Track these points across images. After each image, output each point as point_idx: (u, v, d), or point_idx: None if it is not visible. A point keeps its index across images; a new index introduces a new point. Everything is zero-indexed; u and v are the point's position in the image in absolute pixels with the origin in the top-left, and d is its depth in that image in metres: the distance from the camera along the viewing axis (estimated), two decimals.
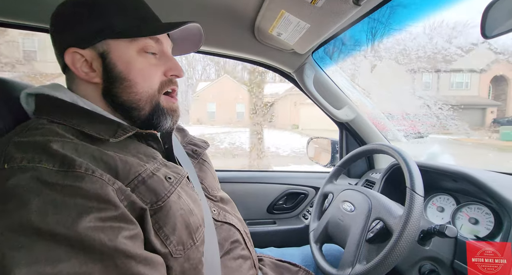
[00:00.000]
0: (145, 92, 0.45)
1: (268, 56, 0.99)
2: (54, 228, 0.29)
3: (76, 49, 0.43)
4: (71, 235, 0.29)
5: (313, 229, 0.78)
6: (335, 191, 0.79)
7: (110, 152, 0.39)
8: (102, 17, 0.43)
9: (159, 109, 0.47)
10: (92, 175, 0.34)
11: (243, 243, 0.59)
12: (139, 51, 0.45)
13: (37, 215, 0.29)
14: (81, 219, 0.30)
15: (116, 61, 0.44)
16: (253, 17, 0.80)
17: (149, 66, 0.46)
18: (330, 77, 1.08)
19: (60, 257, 0.28)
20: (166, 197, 0.40)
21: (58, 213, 0.30)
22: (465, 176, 0.66)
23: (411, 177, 0.57)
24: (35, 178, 0.31)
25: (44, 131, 0.37)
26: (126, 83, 0.44)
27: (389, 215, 0.58)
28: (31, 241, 0.28)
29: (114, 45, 0.44)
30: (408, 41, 6.36)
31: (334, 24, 0.70)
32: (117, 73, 0.44)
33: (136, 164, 0.40)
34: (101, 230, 0.31)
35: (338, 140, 1.25)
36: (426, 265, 0.60)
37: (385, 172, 0.89)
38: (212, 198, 0.60)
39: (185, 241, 0.41)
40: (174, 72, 0.48)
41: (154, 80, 0.46)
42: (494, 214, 0.62)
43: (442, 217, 0.75)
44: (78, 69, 0.44)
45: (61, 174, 0.32)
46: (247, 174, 1.26)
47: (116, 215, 0.33)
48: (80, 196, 0.32)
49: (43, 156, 0.33)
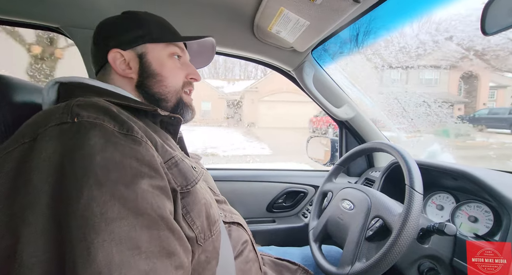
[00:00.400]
0: (172, 86, 0.54)
1: (267, 54, 0.98)
2: (113, 185, 0.31)
3: (118, 50, 0.51)
4: (127, 195, 0.31)
5: (312, 228, 0.78)
6: (334, 189, 0.79)
7: (151, 131, 0.41)
8: (143, 27, 0.53)
9: (182, 102, 0.56)
10: (147, 143, 0.37)
11: (250, 243, 0.60)
12: (169, 55, 0.55)
13: (100, 169, 0.31)
14: (137, 180, 0.33)
15: (152, 60, 0.53)
16: (252, 15, 0.80)
17: (176, 67, 0.55)
18: (329, 75, 1.07)
19: (112, 216, 0.29)
20: (194, 183, 0.43)
21: (118, 171, 0.32)
22: (465, 174, 0.66)
23: (410, 175, 0.57)
24: (100, 134, 0.33)
25: (98, 99, 0.39)
26: (158, 78, 0.53)
27: (388, 213, 0.58)
28: (90, 192, 0.29)
29: (151, 48, 0.53)
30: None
31: (334, 21, 0.69)
32: (152, 70, 0.53)
33: (168, 148, 0.43)
34: (152, 196, 0.33)
35: (338, 138, 1.25)
36: (425, 263, 0.60)
37: (384, 170, 0.88)
38: (217, 198, 0.62)
39: (206, 231, 0.43)
40: (193, 76, 0.58)
41: (180, 78, 0.55)
42: (493, 212, 0.62)
43: (442, 216, 0.75)
44: (117, 66, 0.51)
45: (122, 135, 0.35)
46: (246, 172, 1.26)
47: (162, 186, 0.36)
48: (136, 159, 0.34)
49: (106, 117, 0.35)
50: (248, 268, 0.56)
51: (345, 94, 1.10)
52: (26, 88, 0.51)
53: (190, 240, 0.39)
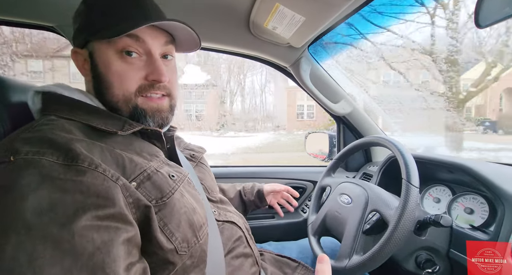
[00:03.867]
0: (121, 95, 0.45)
1: (264, 50, 0.98)
2: (45, 227, 0.28)
3: (76, 49, 0.46)
4: (62, 236, 0.28)
5: (311, 222, 0.79)
6: (332, 184, 0.80)
7: (117, 149, 0.40)
8: (86, 16, 0.45)
9: (138, 111, 0.46)
10: (95, 170, 0.34)
11: (245, 241, 0.60)
12: (119, 52, 0.44)
13: (31, 212, 0.28)
14: (76, 217, 0.29)
15: (98, 62, 0.45)
16: (248, 11, 0.79)
17: (127, 68, 0.44)
18: (326, 71, 1.07)
19: (42, 263, 0.26)
20: (170, 194, 0.41)
21: (53, 210, 0.29)
22: (460, 166, 0.67)
23: (407, 169, 0.57)
24: (37, 172, 0.31)
25: (53, 126, 0.37)
26: (104, 84, 0.45)
27: (385, 207, 0.59)
28: (18, 237, 0.27)
29: (97, 46, 0.44)
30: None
31: (329, 16, 0.69)
32: (99, 73, 0.45)
33: (141, 162, 0.41)
34: (97, 230, 0.30)
35: (336, 134, 1.25)
36: (422, 254, 0.61)
37: (382, 164, 0.89)
38: (212, 198, 0.61)
39: (190, 239, 0.41)
40: (154, 76, 0.45)
41: (131, 83, 0.45)
42: (488, 203, 0.63)
43: (439, 208, 0.76)
44: (80, 67, 0.47)
45: (63, 167, 0.32)
46: (246, 169, 1.26)
47: (114, 213, 0.32)
48: (79, 191, 0.31)
49: (49, 149, 0.33)
50: (240, 263, 0.56)
51: (342, 89, 1.10)
52: (22, 88, 0.51)
53: (169, 252, 0.38)
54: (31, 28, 0.85)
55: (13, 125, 0.44)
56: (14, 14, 0.78)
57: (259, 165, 1.34)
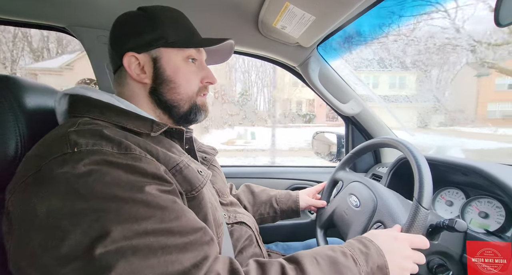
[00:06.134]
0: (186, 93, 0.53)
1: (272, 50, 0.98)
2: (130, 194, 0.34)
3: (133, 54, 0.50)
4: (146, 198, 0.34)
5: (320, 213, 0.80)
6: (345, 180, 0.79)
7: (152, 144, 0.43)
8: (159, 28, 0.50)
9: (196, 107, 0.54)
10: (146, 157, 0.39)
11: (255, 240, 0.61)
12: (184, 59, 0.53)
13: (113, 186, 0.33)
14: (147, 187, 0.35)
15: (166, 66, 0.51)
16: (257, 10, 0.79)
17: (191, 72, 0.53)
18: (335, 70, 1.06)
19: (142, 215, 0.33)
20: (200, 188, 0.44)
21: (129, 183, 0.34)
22: (475, 169, 0.65)
23: (420, 188, 0.53)
24: (103, 158, 0.35)
25: (94, 124, 0.41)
26: (172, 85, 0.51)
27: (391, 222, 0.57)
28: (116, 205, 0.32)
29: (166, 53, 0.51)
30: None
31: (340, 15, 0.68)
32: (166, 76, 0.51)
33: (173, 156, 0.44)
34: (166, 197, 0.36)
35: (344, 134, 1.24)
36: (435, 259, 0.60)
37: (392, 166, 0.87)
38: (223, 202, 0.62)
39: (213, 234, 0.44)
40: (209, 79, 0.56)
41: (194, 84, 0.54)
42: (505, 207, 0.61)
43: (451, 211, 0.74)
44: (132, 70, 0.50)
45: (122, 155, 0.37)
46: (253, 169, 1.26)
47: (170, 189, 0.38)
48: (139, 174, 0.36)
49: (103, 141, 0.37)
50: None
51: (351, 89, 1.09)
52: (38, 90, 0.51)
53: None
54: (43, 29, 0.87)
55: (28, 127, 0.45)
56: (26, 15, 0.80)
57: (266, 165, 1.33)
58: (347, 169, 0.85)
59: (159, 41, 0.50)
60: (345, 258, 0.42)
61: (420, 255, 0.50)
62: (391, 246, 0.47)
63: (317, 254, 0.42)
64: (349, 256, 0.43)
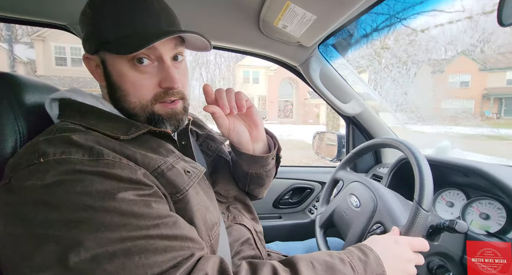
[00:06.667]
0: (138, 102, 0.45)
1: (273, 49, 0.97)
2: (102, 203, 0.32)
3: (87, 55, 0.46)
4: (118, 206, 0.33)
5: (320, 213, 0.79)
6: (346, 179, 0.79)
7: (131, 147, 0.41)
8: (97, 30, 0.43)
9: (155, 117, 0.46)
10: (120, 162, 0.37)
11: (253, 242, 0.59)
12: (131, 61, 0.43)
13: (84, 195, 0.32)
14: (122, 193, 0.34)
15: (111, 71, 0.45)
16: (258, 9, 0.79)
17: (141, 78, 0.44)
18: (336, 70, 1.06)
19: (116, 224, 0.32)
20: (185, 190, 0.41)
21: (101, 192, 0.33)
22: (477, 170, 0.64)
23: (421, 189, 0.53)
24: (71, 168, 0.34)
25: (69, 130, 0.40)
26: (120, 93, 0.45)
27: (391, 222, 0.57)
28: (88, 215, 0.31)
29: (109, 56, 0.44)
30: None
31: (342, 15, 0.68)
32: (113, 82, 0.45)
33: (156, 158, 0.42)
34: (143, 202, 0.35)
35: (345, 134, 1.23)
36: (435, 260, 0.59)
37: (393, 166, 0.87)
38: (222, 200, 0.60)
39: (204, 238, 0.42)
40: (167, 84, 0.44)
41: (147, 92, 0.45)
42: (506, 209, 0.60)
43: (452, 212, 0.73)
44: (93, 72, 0.47)
45: (93, 162, 0.35)
46: None
47: (150, 193, 0.37)
48: (114, 179, 0.35)
49: (72, 148, 0.35)
50: None
51: (352, 89, 1.08)
52: (38, 88, 0.51)
53: None
54: (44, 27, 0.87)
55: (28, 125, 0.45)
56: (27, 13, 0.80)
57: None
58: (348, 169, 0.84)
59: (99, 40, 0.43)
60: (343, 265, 0.40)
61: (420, 257, 0.50)
62: (393, 251, 0.46)
63: (314, 258, 0.41)
64: (347, 263, 0.41)
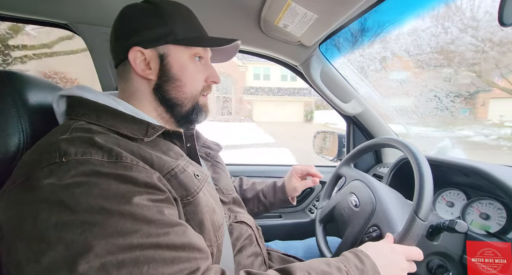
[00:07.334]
0: (190, 92, 0.52)
1: (274, 48, 0.97)
2: (117, 206, 0.33)
3: (140, 48, 0.48)
4: (134, 210, 0.33)
5: (321, 207, 0.80)
6: (348, 176, 0.79)
7: (147, 149, 0.42)
8: (168, 24, 0.49)
9: (198, 106, 0.54)
10: (137, 165, 0.38)
11: (255, 240, 0.61)
12: (191, 57, 0.51)
13: (101, 198, 0.33)
14: (137, 198, 0.34)
15: (173, 63, 0.50)
16: (259, 9, 0.79)
17: (197, 71, 0.52)
18: (337, 70, 1.05)
19: (128, 229, 0.32)
20: (195, 193, 0.43)
21: (117, 195, 0.34)
22: (477, 170, 0.64)
23: (419, 198, 0.52)
24: (91, 169, 0.34)
25: (86, 131, 0.41)
26: (177, 83, 0.50)
27: (387, 227, 0.57)
28: (102, 218, 0.32)
29: (173, 50, 0.50)
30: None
31: (343, 14, 0.68)
32: (172, 74, 0.50)
33: (169, 160, 0.43)
34: (156, 208, 0.35)
35: (345, 134, 1.23)
36: (435, 260, 0.59)
37: (393, 166, 0.87)
38: (225, 200, 0.62)
39: (211, 238, 0.43)
40: (213, 78, 0.55)
41: (199, 83, 0.53)
42: (506, 209, 0.60)
43: (452, 212, 0.73)
44: (137, 65, 0.49)
45: (112, 164, 0.36)
46: (254, 168, 1.26)
47: (163, 198, 0.38)
48: (131, 183, 0.35)
49: (92, 149, 0.36)
50: (250, 262, 0.57)
51: (353, 89, 1.08)
52: (41, 86, 0.51)
53: None
54: (45, 26, 0.87)
55: (31, 123, 0.45)
56: (28, 11, 0.80)
57: (266, 164, 1.33)
58: (352, 165, 0.83)
59: (168, 37, 0.49)
60: (339, 274, 0.41)
61: (413, 265, 0.51)
62: (388, 259, 0.47)
63: (311, 267, 0.41)
64: (344, 272, 0.41)
